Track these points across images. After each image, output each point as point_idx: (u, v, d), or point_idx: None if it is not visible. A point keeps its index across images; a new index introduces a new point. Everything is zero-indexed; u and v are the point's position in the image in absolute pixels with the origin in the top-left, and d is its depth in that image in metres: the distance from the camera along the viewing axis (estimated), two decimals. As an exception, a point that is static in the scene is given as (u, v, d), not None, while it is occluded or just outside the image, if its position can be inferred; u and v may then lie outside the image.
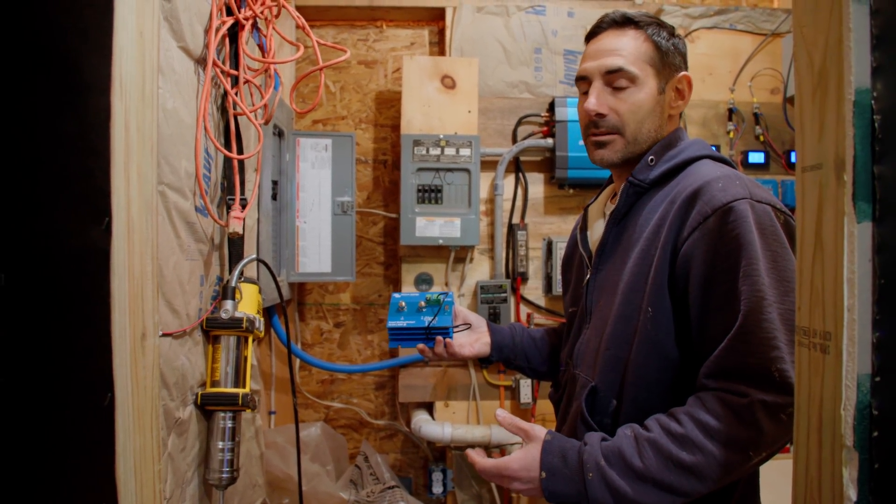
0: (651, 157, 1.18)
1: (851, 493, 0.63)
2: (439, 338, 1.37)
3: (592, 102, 1.18)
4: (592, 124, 1.20)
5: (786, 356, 0.95)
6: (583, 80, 1.23)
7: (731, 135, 2.62)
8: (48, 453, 0.74)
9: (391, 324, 1.38)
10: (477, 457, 1.12)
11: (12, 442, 0.68)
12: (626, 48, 1.18)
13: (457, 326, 1.42)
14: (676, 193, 1.10)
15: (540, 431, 1.09)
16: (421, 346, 1.38)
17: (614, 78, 1.18)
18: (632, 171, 1.19)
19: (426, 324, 1.36)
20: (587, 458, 1.02)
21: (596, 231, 1.29)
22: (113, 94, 0.82)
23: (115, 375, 0.83)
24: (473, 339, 1.44)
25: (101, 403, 0.81)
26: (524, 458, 1.07)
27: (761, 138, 2.62)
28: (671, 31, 1.22)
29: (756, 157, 2.62)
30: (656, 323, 1.07)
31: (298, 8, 2.48)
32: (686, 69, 1.24)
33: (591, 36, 1.25)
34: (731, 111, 2.62)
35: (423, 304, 1.40)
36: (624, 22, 1.20)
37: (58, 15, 0.73)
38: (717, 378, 1.00)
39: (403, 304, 1.41)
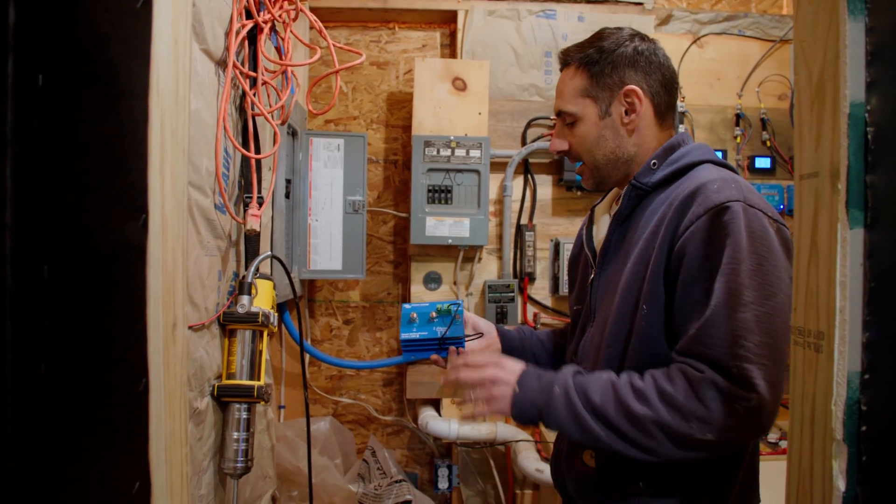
0: (653, 161, 1.21)
1: (840, 484, 0.66)
2: (452, 348, 1.39)
3: (552, 144, 1.31)
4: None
5: (752, 356, 0.97)
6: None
7: (738, 140, 2.65)
8: (88, 434, 0.79)
9: (404, 336, 1.39)
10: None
11: (56, 423, 0.73)
12: (564, 88, 1.27)
13: (468, 336, 1.44)
14: (675, 196, 1.13)
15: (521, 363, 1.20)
16: (434, 356, 1.40)
17: (563, 119, 1.28)
18: (633, 175, 1.24)
19: (438, 335, 1.38)
20: (558, 377, 1.11)
21: (601, 232, 1.33)
22: (150, 98, 0.86)
23: (149, 362, 0.88)
24: (484, 345, 1.46)
25: (136, 388, 0.86)
26: (509, 364, 1.17)
27: (768, 143, 2.65)
28: (615, 44, 1.23)
29: (762, 163, 2.65)
30: (650, 320, 1.11)
31: (312, 9, 2.52)
32: (639, 78, 1.22)
33: None
34: (738, 116, 2.65)
35: (434, 314, 1.41)
36: (564, 62, 1.29)
37: (101, 25, 0.78)
38: (683, 355, 1.05)
39: (415, 315, 1.42)
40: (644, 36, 1.26)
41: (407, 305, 1.45)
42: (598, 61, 1.23)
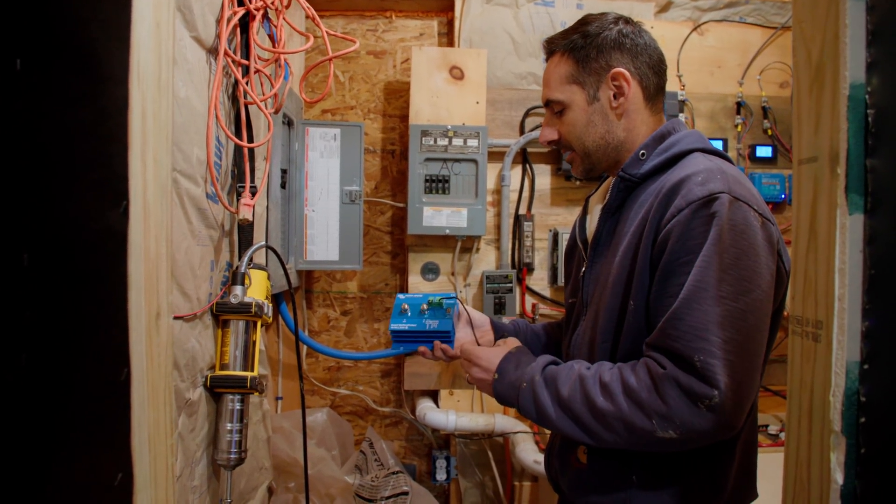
0: (642, 152, 1.18)
1: (838, 476, 0.65)
2: (437, 342, 1.38)
3: (542, 134, 1.29)
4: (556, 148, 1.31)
5: (717, 351, 0.96)
6: None
7: (739, 128, 2.62)
8: (69, 425, 0.77)
9: (393, 326, 1.39)
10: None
11: (37, 414, 0.71)
12: (551, 77, 1.25)
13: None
14: (661, 187, 1.10)
15: (513, 343, 1.27)
16: (422, 348, 1.39)
17: (551, 108, 1.26)
18: (623, 162, 1.21)
19: (427, 327, 1.37)
20: (528, 371, 1.15)
21: (593, 223, 1.31)
22: (131, 83, 0.84)
23: (131, 352, 0.86)
24: (478, 337, 1.44)
25: (118, 379, 0.84)
26: (491, 354, 1.23)
27: (769, 132, 2.62)
28: (600, 28, 1.21)
29: (764, 151, 2.62)
30: (638, 316, 1.09)
31: (309, -2, 2.50)
32: (626, 61, 1.20)
33: None
34: (739, 104, 2.63)
35: (425, 306, 1.41)
36: (549, 51, 1.27)
37: (80, 8, 0.76)
38: (651, 348, 1.04)
39: (406, 306, 1.41)
40: (628, 19, 1.24)
41: (401, 296, 1.44)
42: (584, 46, 1.21)
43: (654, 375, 1.00)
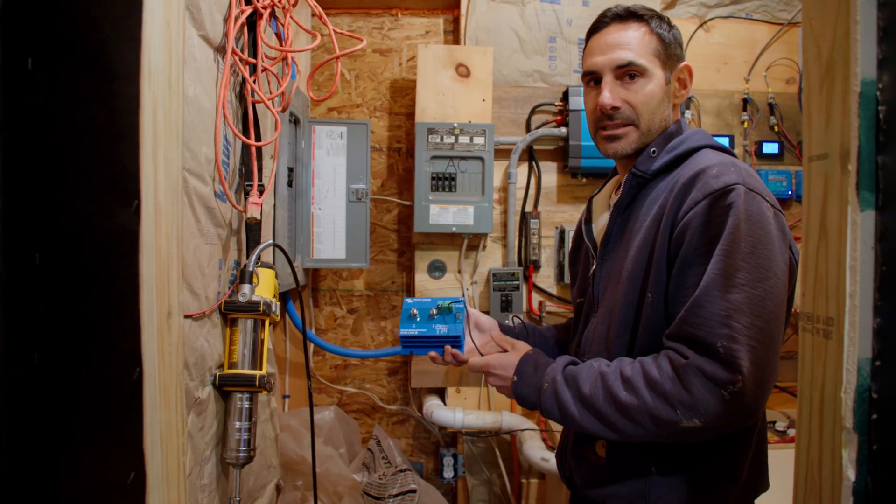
0: (653, 149, 1.20)
1: (850, 473, 0.65)
2: (447, 347, 1.38)
3: (607, 97, 1.19)
4: (605, 117, 1.21)
5: (740, 337, 0.97)
6: (590, 75, 1.24)
7: (746, 125, 2.61)
8: (81, 424, 0.78)
9: (403, 332, 1.39)
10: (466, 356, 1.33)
11: (49, 413, 0.72)
12: (633, 42, 1.19)
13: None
14: (675, 182, 1.12)
15: (524, 347, 1.28)
16: (432, 353, 1.38)
17: (625, 72, 1.19)
18: (634, 162, 1.22)
19: (437, 332, 1.38)
20: (548, 372, 1.16)
21: (601, 222, 1.31)
22: (142, 82, 0.85)
23: (143, 351, 0.87)
24: (484, 342, 1.44)
25: (129, 378, 0.85)
26: (505, 360, 1.24)
27: (776, 129, 2.61)
28: (670, 23, 1.24)
29: (770, 148, 2.61)
30: (656, 308, 1.10)
31: (314, -4, 2.50)
32: (685, 58, 1.25)
33: (593, 31, 1.26)
34: (745, 101, 2.62)
35: (434, 311, 1.40)
36: (627, 16, 1.22)
37: (91, 7, 0.76)
38: (671, 339, 1.05)
39: (415, 311, 1.41)
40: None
41: (409, 300, 1.44)
42: (669, 30, 1.22)
43: (677, 366, 1.01)
